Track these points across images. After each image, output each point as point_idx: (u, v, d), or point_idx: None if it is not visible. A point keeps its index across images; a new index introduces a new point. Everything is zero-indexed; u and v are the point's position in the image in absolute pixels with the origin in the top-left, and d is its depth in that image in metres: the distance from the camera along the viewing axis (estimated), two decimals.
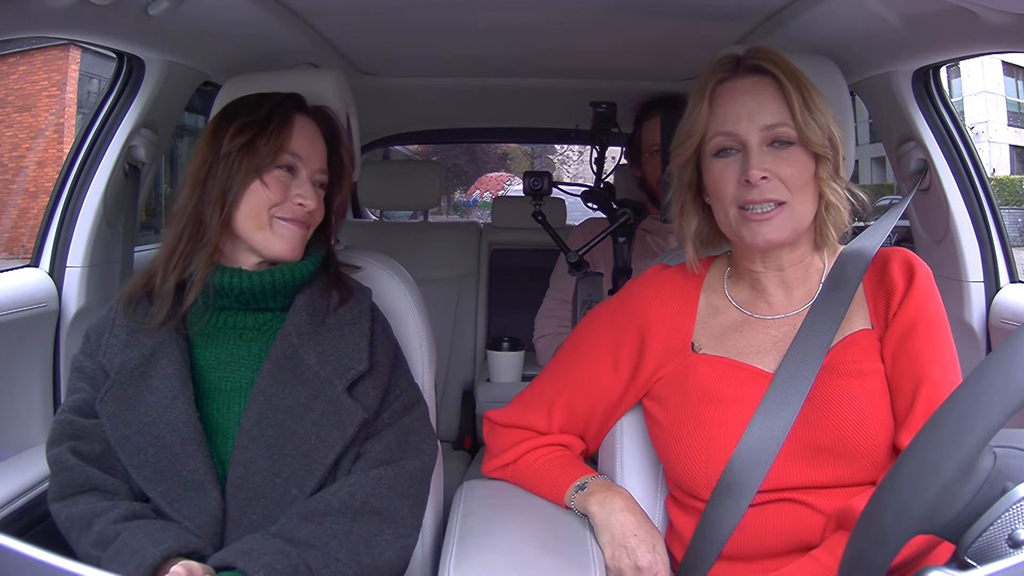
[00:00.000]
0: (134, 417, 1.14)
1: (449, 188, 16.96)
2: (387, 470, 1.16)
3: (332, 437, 1.14)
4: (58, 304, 1.66)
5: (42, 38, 1.37)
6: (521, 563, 1.11)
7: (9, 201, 8.73)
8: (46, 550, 0.54)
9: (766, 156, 1.10)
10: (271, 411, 1.14)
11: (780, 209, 1.10)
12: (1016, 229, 11.89)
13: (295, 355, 1.18)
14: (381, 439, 1.19)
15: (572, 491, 1.21)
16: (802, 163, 1.10)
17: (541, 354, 2.35)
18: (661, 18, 1.62)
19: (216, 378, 1.19)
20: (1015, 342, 0.66)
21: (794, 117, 1.10)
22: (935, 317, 1.11)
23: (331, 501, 1.11)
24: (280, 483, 1.12)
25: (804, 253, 1.17)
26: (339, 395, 1.16)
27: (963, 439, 0.66)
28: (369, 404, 1.18)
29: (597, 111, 1.99)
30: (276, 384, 1.16)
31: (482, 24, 1.73)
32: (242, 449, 1.13)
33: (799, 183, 1.10)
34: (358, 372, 1.18)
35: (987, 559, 0.69)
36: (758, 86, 1.12)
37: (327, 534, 1.07)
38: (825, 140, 1.11)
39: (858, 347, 1.13)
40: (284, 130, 1.20)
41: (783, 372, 1.10)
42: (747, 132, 1.10)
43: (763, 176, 1.09)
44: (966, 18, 1.21)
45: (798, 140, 1.10)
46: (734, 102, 1.12)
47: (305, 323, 1.20)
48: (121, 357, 1.17)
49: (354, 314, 1.24)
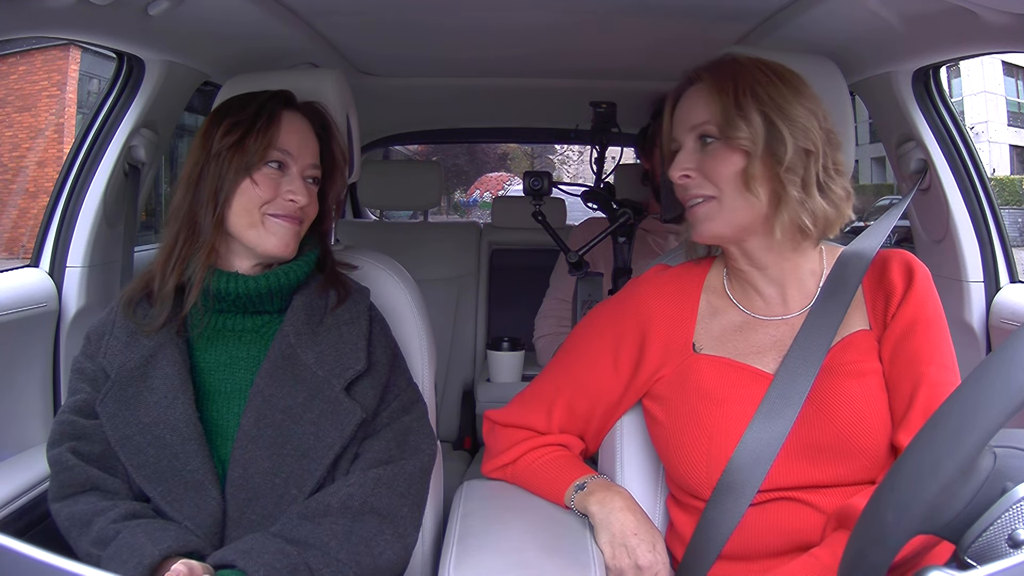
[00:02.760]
0: (134, 417, 1.14)
1: (449, 188, 16.96)
2: (386, 470, 1.16)
3: (331, 437, 1.14)
4: (58, 304, 1.66)
5: (42, 38, 1.37)
6: (521, 563, 1.11)
7: (9, 201, 8.72)
8: (46, 550, 0.54)
9: (694, 156, 1.14)
10: (270, 411, 1.15)
11: (709, 202, 1.13)
12: (1016, 229, 11.88)
13: (293, 355, 1.18)
14: (380, 439, 1.19)
15: (572, 491, 1.21)
16: (726, 159, 1.12)
17: (541, 354, 2.35)
18: (661, 18, 1.62)
19: (215, 380, 1.19)
20: (1015, 342, 0.66)
21: (721, 115, 1.12)
22: (933, 318, 1.12)
23: (330, 501, 1.11)
24: (279, 483, 1.12)
25: (782, 249, 1.16)
26: (337, 395, 1.16)
27: (963, 439, 0.66)
28: (367, 403, 1.18)
29: (597, 111, 1.99)
30: (274, 384, 1.16)
31: (482, 24, 1.73)
32: (242, 449, 1.13)
33: (724, 178, 1.12)
34: (356, 372, 1.18)
35: (987, 559, 0.69)
36: (696, 91, 1.17)
37: (327, 534, 1.07)
38: (752, 134, 1.09)
39: (856, 348, 1.13)
40: (272, 127, 1.20)
41: (783, 373, 1.10)
42: (681, 134, 1.16)
43: (683, 175, 1.14)
44: (966, 18, 1.21)
45: (720, 136, 1.12)
46: (680, 110, 1.19)
47: (303, 323, 1.20)
48: (121, 358, 1.17)
49: (352, 313, 1.24)
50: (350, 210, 3.56)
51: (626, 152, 2.31)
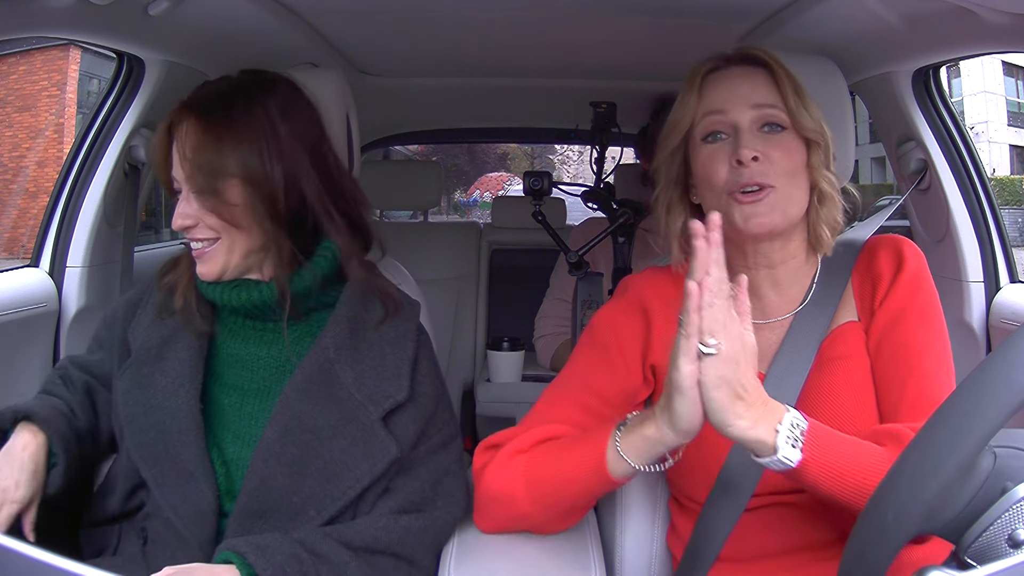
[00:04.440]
0: (143, 397, 1.12)
1: (449, 188, 16.94)
2: (417, 520, 1.08)
3: (360, 469, 1.07)
4: (58, 304, 1.66)
5: (42, 38, 1.37)
6: (521, 563, 1.10)
7: (9, 201, 8.72)
8: (46, 550, 0.54)
9: (756, 139, 1.07)
10: (297, 428, 1.07)
11: (773, 190, 1.06)
12: (1016, 229, 11.87)
13: (331, 371, 1.09)
14: (414, 477, 1.10)
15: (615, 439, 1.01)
16: (793, 148, 1.07)
17: (541, 354, 2.35)
18: (661, 18, 1.62)
19: (234, 374, 1.15)
20: (1015, 342, 0.66)
21: (786, 102, 1.07)
22: (925, 306, 1.07)
23: (353, 540, 1.04)
24: (298, 502, 1.06)
25: (795, 251, 1.13)
26: (373, 424, 1.07)
27: (963, 439, 0.66)
28: (405, 439, 1.09)
29: (597, 111, 1.99)
30: (305, 399, 1.08)
31: (482, 24, 1.73)
32: (261, 461, 1.07)
33: (789, 169, 1.06)
34: (396, 401, 1.09)
35: (987, 559, 0.69)
36: (750, 73, 1.10)
37: (347, 556, 1.03)
38: (817, 127, 1.08)
39: (844, 340, 1.10)
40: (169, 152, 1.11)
41: (775, 370, 1.09)
42: (738, 112, 1.07)
43: (754, 156, 1.04)
44: (966, 18, 1.21)
45: (790, 125, 1.07)
46: (725, 86, 1.09)
47: (345, 337, 1.11)
48: (144, 335, 1.16)
49: (398, 332, 1.14)
50: None
51: (626, 152, 2.31)
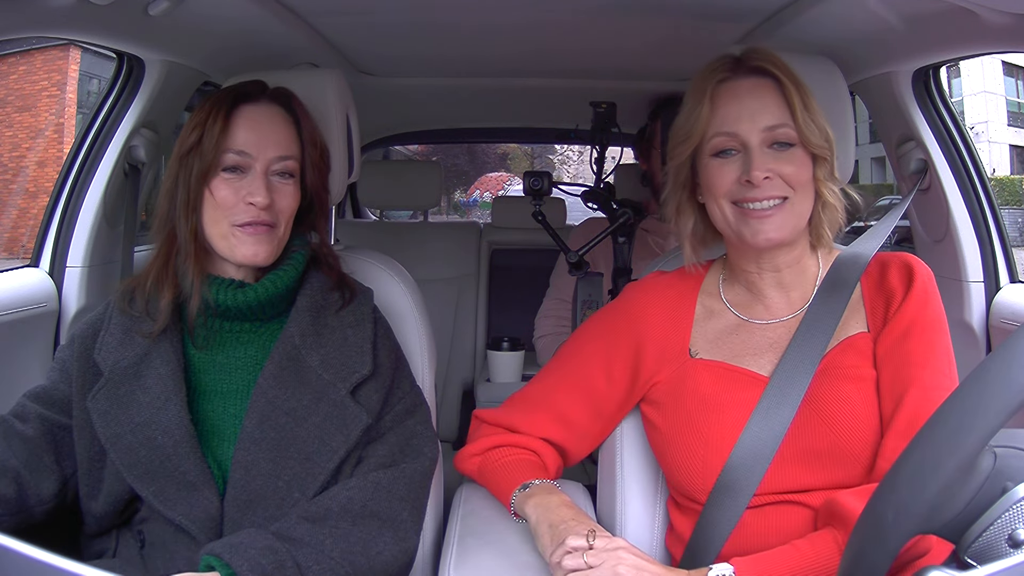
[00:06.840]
0: (126, 416, 1.13)
1: (449, 188, 16.96)
2: (386, 474, 1.14)
3: (335, 441, 1.13)
4: (58, 304, 1.66)
5: (42, 38, 1.37)
6: (521, 563, 1.11)
7: (9, 201, 8.72)
8: (46, 550, 0.54)
9: (767, 156, 1.10)
10: (273, 413, 1.13)
11: (782, 206, 1.10)
12: (1016, 229, 11.89)
13: (298, 357, 1.17)
14: (383, 443, 1.18)
15: (517, 492, 1.17)
16: (802, 163, 1.11)
17: (541, 354, 2.35)
18: (661, 18, 1.62)
19: (212, 380, 1.18)
20: (1015, 342, 0.66)
21: (795, 118, 1.10)
22: (933, 320, 1.10)
23: (330, 505, 1.10)
24: (282, 486, 1.11)
25: (801, 254, 1.17)
26: (343, 399, 1.15)
27: (963, 439, 0.66)
28: (372, 408, 1.17)
29: (597, 111, 1.99)
30: (278, 385, 1.15)
31: (482, 24, 1.73)
32: (244, 451, 1.12)
33: (799, 182, 1.11)
34: (361, 376, 1.17)
35: (987, 559, 0.69)
36: (759, 87, 1.12)
37: (324, 533, 1.06)
38: (823, 141, 1.11)
39: (855, 351, 1.12)
40: (227, 127, 1.15)
41: (779, 375, 1.10)
42: (749, 133, 1.10)
43: (766, 176, 1.09)
44: (966, 18, 1.21)
45: (798, 141, 1.10)
46: (735, 103, 1.12)
47: (308, 324, 1.19)
48: (115, 355, 1.16)
49: (356, 316, 1.22)
50: (350, 210, 3.56)
51: (626, 152, 2.31)
